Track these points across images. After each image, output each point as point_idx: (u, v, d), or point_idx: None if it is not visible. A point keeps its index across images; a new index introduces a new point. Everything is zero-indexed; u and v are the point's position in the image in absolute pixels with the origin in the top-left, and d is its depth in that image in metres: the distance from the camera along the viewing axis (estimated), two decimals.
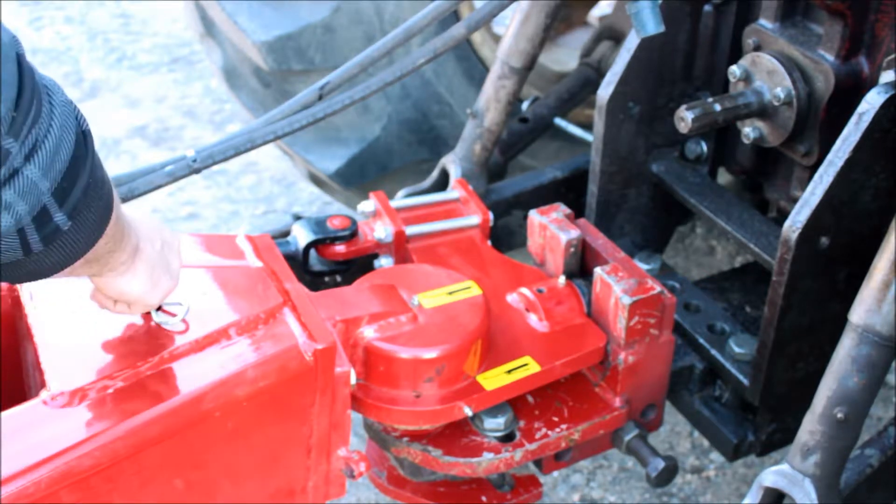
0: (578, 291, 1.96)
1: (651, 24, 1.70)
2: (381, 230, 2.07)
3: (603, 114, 2.15)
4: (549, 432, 1.89)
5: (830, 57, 1.92)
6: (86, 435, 1.36)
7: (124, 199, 1.70)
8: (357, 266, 2.10)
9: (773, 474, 1.68)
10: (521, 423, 1.89)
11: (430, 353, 1.75)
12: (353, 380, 1.61)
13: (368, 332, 1.75)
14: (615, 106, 2.15)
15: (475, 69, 2.78)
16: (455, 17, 2.57)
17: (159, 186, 1.73)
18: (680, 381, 2.08)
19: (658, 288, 1.88)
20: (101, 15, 4.87)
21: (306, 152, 2.80)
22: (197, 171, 1.74)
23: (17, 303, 1.57)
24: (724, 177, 2.43)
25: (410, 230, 2.08)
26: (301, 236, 2.07)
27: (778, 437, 2.06)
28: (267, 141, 1.78)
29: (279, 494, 1.63)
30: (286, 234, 2.13)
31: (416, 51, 1.85)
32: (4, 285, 1.58)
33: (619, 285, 1.86)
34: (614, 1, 2.86)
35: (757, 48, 2.04)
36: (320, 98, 1.80)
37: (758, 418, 2.02)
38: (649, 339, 1.91)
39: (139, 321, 1.53)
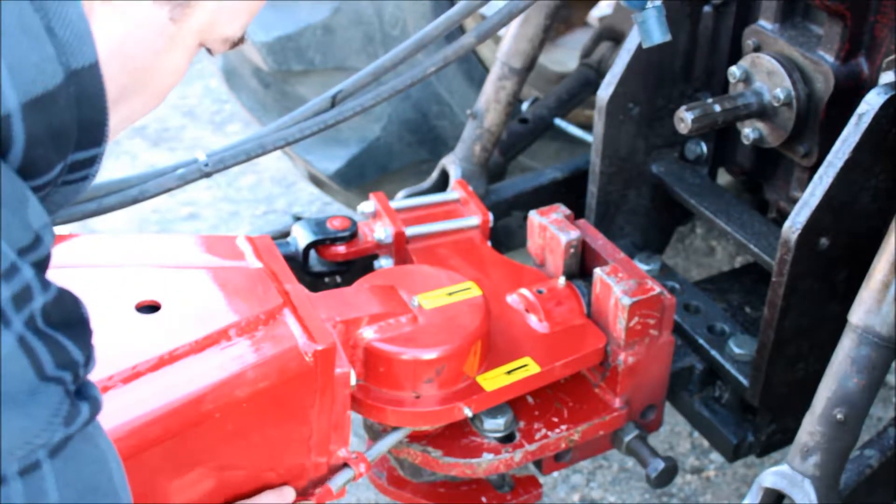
0: (578, 292, 1.96)
1: (657, 32, 1.71)
2: (381, 231, 2.08)
3: (603, 114, 2.15)
4: (549, 433, 1.89)
5: (830, 58, 1.92)
6: None
7: (134, 201, 1.71)
8: (357, 267, 2.10)
9: (773, 475, 1.69)
10: (521, 424, 1.89)
11: (430, 354, 1.75)
12: (353, 381, 1.61)
13: (368, 333, 1.75)
14: (615, 107, 2.15)
15: (475, 70, 2.78)
16: (460, 29, 2.57)
17: (169, 189, 1.74)
18: (680, 381, 2.08)
19: (658, 289, 1.88)
20: None
21: (306, 153, 2.81)
22: (208, 175, 1.75)
23: None
24: (723, 177, 2.43)
25: (410, 231, 2.08)
26: (301, 237, 2.07)
27: (778, 438, 2.06)
28: (278, 147, 1.79)
29: None
30: (286, 234, 2.13)
31: (426, 59, 1.86)
32: None
33: (618, 286, 1.86)
34: (614, 1, 2.87)
35: (757, 49, 2.04)
36: (332, 106, 1.81)
37: (757, 419, 2.02)
38: (649, 340, 1.91)
39: (139, 322, 1.52)
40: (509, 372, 1.83)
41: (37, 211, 0.94)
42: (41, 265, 0.94)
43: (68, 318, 0.97)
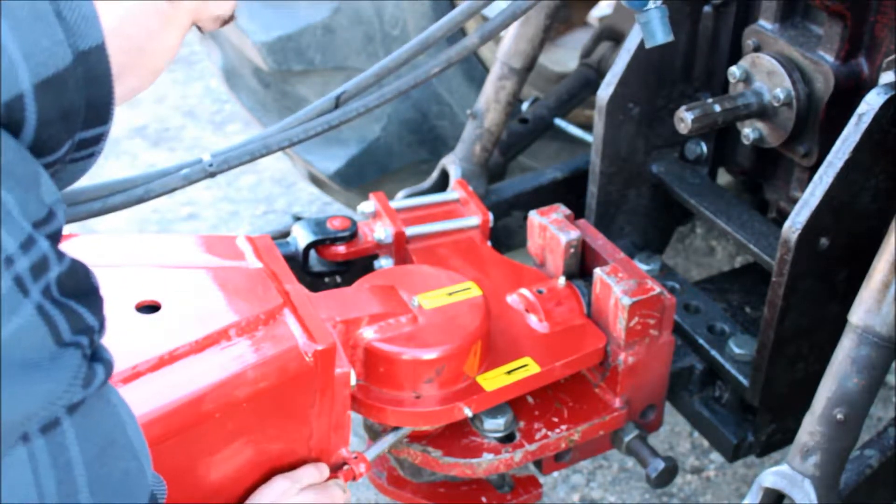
0: (578, 292, 1.96)
1: (660, 33, 1.71)
2: (381, 231, 2.08)
3: (603, 114, 2.15)
4: (549, 433, 1.89)
5: (830, 58, 1.92)
6: None
7: (139, 201, 1.72)
8: (357, 267, 2.10)
9: (773, 475, 1.69)
10: (521, 424, 1.89)
11: (430, 354, 1.75)
12: (353, 381, 1.61)
13: (368, 333, 1.75)
14: (615, 107, 2.15)
15: (475, 70, 2.78)
16: (461, 31, 2.57)
17: (174, 189, 1.74)
18: (680, 381, 2.08)
19: (658, 289, 1.88)
20: None
21: (306, 153, 2.81)
22: (212, 175, 1.75)
23: None
24: (723, 177, 2.44)
25: (410, 231, 2.08)
26: (301, 237, 2.07)
27: (778, 438, 2.06)
28: (282, 147, 1.79)
29: None
30: (286, 234, 2.13)
31: (429, 60, 1.86)
32: None
33: (618, 286, 1.86)
34: (614, 1, 2.87)
35: (757, 49, 2.04)
36: (336, 106, 1.81)
37: (757, 419, 2.02)
38: (649, 340, 1.91)
39: (139, 322, 1.52)
40: (509, 372, 1.83)
41: (49, 187, 0.98)
42: (55, 238, 0.99)
43: (81, 288, 1.02)
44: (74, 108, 1.02)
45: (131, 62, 1.11)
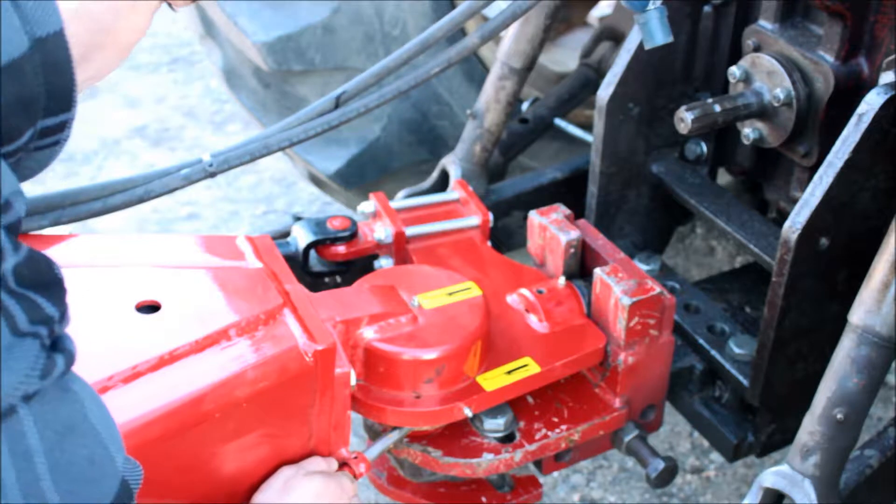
0: (578, 292, 1.96)
1: (659, 34, 1.71)
2: (381, 231, 2.08)
3: (603, 114, 2.15)
4: (549, 433, 1.89)
5: (830, 58, 1.92)
6: None
7: (140, 201, 1.72)
8: (357, 267, 2.10)
9: (773, 475, 1.69)
10: (521, 424, 1.89)
11: (430, 354, 1.75)
12: (353, 381, 1.61)
13: (368, 333, 1.75)
14: (615, 107, 2.15)
15: (475, 70, 2.78)
16: (461, 31, 2.57)
17: (174, 189, 1.74)
18: (680, 381, 2.08)
19: (658, 289, 1.88)
20: None
21: (306, 153, 2.81)
22: (212, 175, 1.75)
23: None
24: (723, 177, 2.44)
25: (410, 231, 2.08)
26: (301, 237, 2.07)
27: (778, 438, 2.06)
28: (282, 147, 1.79)
29: None
30: (286, 234, 2.13)
31: (429, 60, 1.86)
32: None
33: (618, 286, 1.86)
34: (614, 1, 2.87)
35: (757, 49, 2.04)
36: (336, 106, 1.81)
37: (757, 419, 2.03)
38: (649, 340, 1.91)
39: (139, 322, 1.52)
40: (509, 372, 1.83)
41: (7, 177, 0.96)
42: (12, 229, 0.96)
43: (41, 279, 1.00)
44: (34, 95, 1.00)
45: (99, 42, 1.09)
